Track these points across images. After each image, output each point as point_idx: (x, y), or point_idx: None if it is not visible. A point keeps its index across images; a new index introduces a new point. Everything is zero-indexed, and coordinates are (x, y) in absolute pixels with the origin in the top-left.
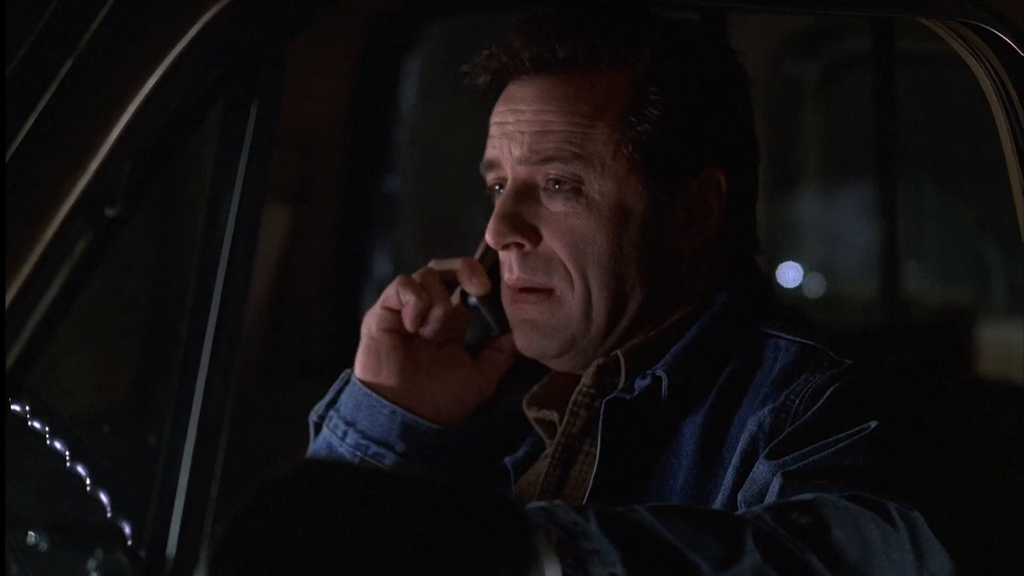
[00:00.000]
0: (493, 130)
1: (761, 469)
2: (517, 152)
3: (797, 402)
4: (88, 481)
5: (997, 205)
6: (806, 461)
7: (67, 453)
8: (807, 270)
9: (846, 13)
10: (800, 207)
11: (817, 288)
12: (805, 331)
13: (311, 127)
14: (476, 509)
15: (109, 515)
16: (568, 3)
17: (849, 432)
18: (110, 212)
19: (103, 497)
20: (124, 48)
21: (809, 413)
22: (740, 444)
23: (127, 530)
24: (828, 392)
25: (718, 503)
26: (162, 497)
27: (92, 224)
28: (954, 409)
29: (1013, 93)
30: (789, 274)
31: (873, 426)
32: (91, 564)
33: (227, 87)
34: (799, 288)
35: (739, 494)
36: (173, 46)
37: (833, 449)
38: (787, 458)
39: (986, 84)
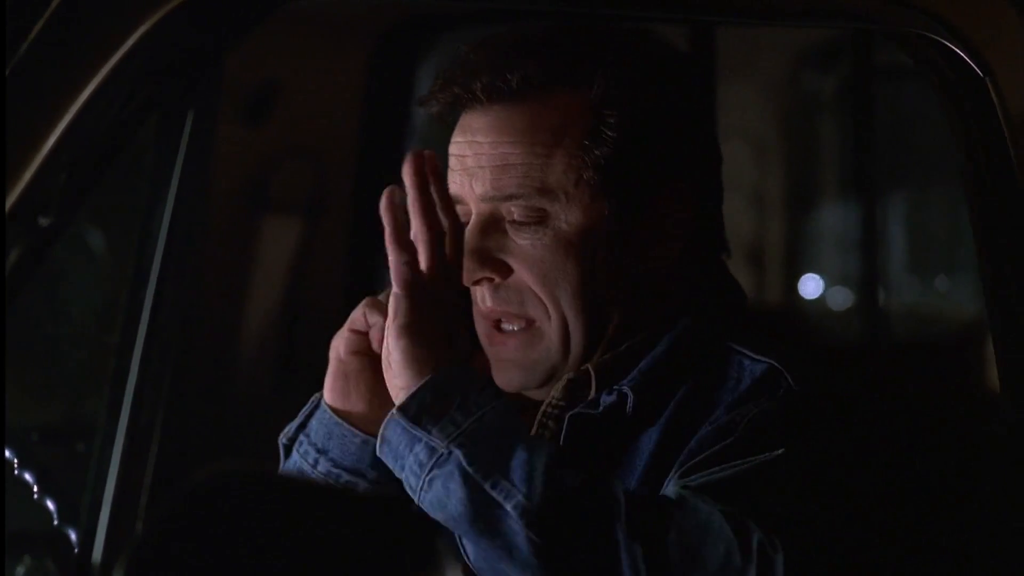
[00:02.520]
0: (452, 163)
1: (669, 487)
2: (479, 189)
3: (742, 424)
4: (35, 489)
5: None
6: (704, 480)
7: (15, 461)
8: (829, 283)
9: (801, 24)
10: (824, 219)
11: (843, 301)
12: (771, 347)
13: (324, 141)
14: (382, 514)
15: (56, 523)
16: (570, 19)
17: (757, 456)
18: (44, 221)
19: (50, 505)
20: (61, 58)
21: (731, 438)
22: (679, 459)
23: (73, 537)
24: (762, 420)
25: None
26: (91, 506)
27: (25, 234)
28: (898, 445)
29: (968, 106)
30: (809, 286)
31: (779, 453)
32: (19, 571)
33: (163, 98)
34: (822, 300)
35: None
36: (110, 57)
37: (731, 471)
38: (696, 476)
39: (943, 97)
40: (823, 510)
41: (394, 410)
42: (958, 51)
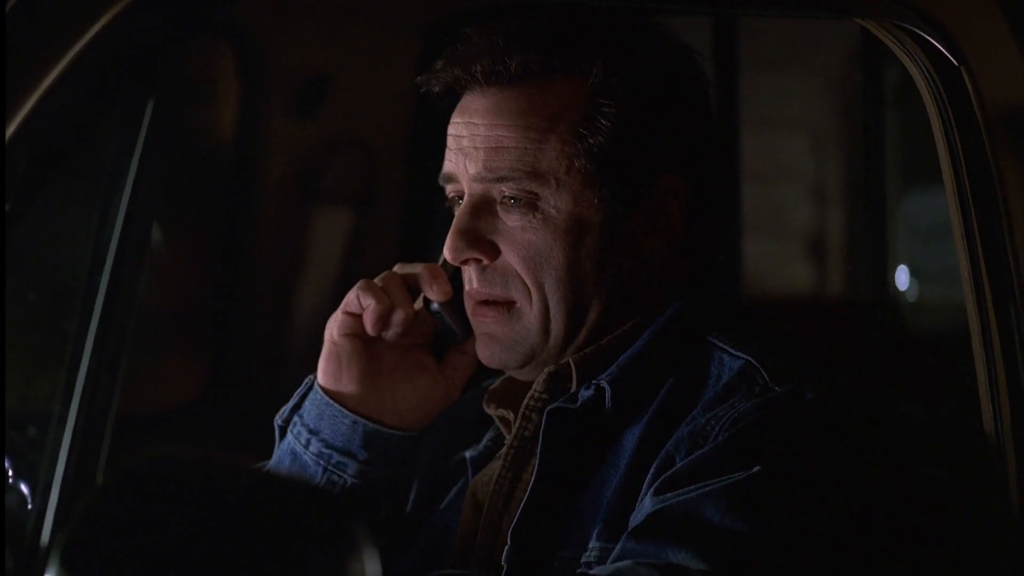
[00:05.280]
0: (450, 142)
1: (646, 503)
2: (472, 169)
3: (717, 428)
4: (10, 473)
5: None
6: (674, 501)
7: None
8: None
9: (781, 14)
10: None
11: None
12: (751, 344)
13: (374, 133)
14: (302, 501)
15: (29, 507)
16: (587, 8)
17: (730, 475)
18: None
19: (24, 489)
20: (22, 47)
21: (707, 448)
22: (657, 460)
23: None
24: (736, 427)
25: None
26: (44, 489)
27: None
28: (870, 457)
29: (944, 94)
30: (901, 278)
31: (754, 472)
32: None
33: (124, 88)
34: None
35: (631, 517)
36: (71, 46)
37: (701, 492)
38: (668, 495)
39: (921, 85)
40: (786, 535)
41: None
42: (934, 41)
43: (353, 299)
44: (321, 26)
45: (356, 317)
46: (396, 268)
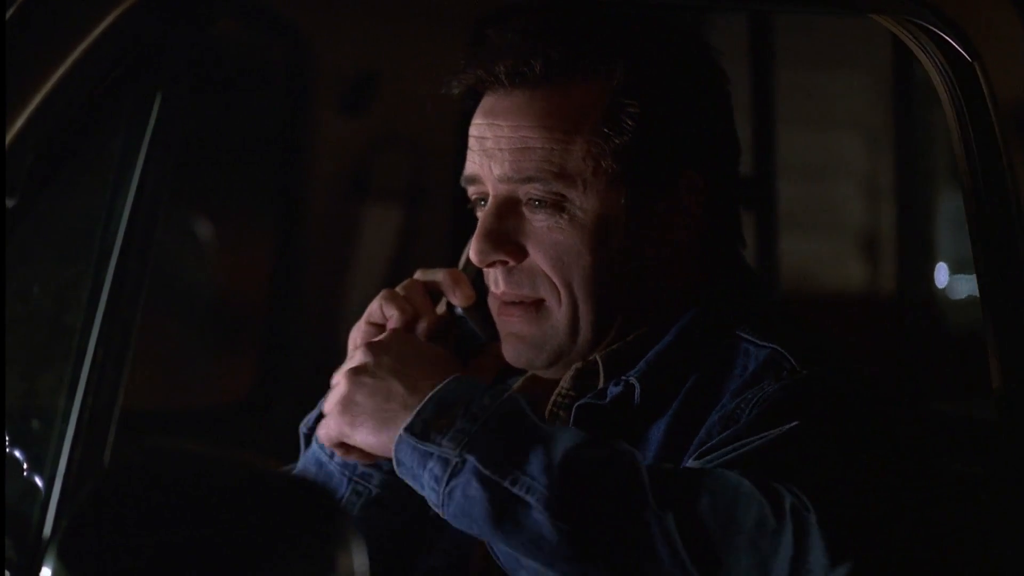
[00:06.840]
0: (472, 144)
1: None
2: (498, 171)
3: (747, 409)
4: (25, 466)
5: None
6: (724, 458)
7: (6, 438)
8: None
9: (794, 10)
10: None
11: (962, 290)
12: (777, 334)
13: (424, 130)
14: (292, 493)
15: (44, 498)
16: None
17: (768, 432)
18: (10, 203)
19: (38, 482)
20: (31, 41)
21: (743, 420)
22: (691, 448)
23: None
24: (769, 403)
25: None
26: (48, 483)
27: None
28: (901, 435)
29: (958, 91)
30: (940, 276)
31: (793, 425)
32: None
33: (133, 82)
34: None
35: None
36: (81, 40)
37: (750, 447)
38: (710, 457)
39: (937, 81)
40: (842, 475)
41: (401, 430)
42: (948, 38)
43: (376, 309)
44: (370, 23)
45: (379, 327)
46: (417, 275)
